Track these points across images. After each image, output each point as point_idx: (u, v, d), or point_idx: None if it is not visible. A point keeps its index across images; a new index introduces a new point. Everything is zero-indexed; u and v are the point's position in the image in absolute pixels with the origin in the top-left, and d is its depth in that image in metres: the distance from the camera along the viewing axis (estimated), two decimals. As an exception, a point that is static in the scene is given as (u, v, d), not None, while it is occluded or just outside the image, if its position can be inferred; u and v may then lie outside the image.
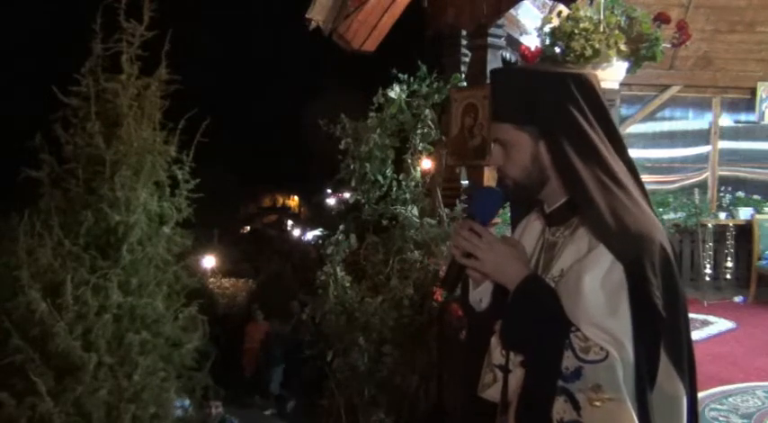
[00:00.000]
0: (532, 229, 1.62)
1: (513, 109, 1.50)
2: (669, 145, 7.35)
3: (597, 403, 1.30)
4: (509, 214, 1.80)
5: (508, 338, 1.46)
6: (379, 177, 4.78)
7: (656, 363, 1.36)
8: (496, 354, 1.51)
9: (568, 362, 1.33)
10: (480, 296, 1.55)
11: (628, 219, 1.39)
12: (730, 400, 3.67)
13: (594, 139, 1.47)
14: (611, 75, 4.26)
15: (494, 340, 1.52)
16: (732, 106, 7.34)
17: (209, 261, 14.74)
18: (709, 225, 6.58)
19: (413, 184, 4.80)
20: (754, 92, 7.10)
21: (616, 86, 4.39)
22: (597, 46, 4.13)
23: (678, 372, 1.39)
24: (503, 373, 1.49)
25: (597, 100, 1.50)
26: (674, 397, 1.39)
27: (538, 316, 1.40)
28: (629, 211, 1.40)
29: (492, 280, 1.50)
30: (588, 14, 4.24)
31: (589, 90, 1.49)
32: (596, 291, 1.36)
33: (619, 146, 1.52)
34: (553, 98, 1.47)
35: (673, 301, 1.39)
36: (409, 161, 4.83)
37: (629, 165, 1.52)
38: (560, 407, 1.33)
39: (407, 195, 4.74)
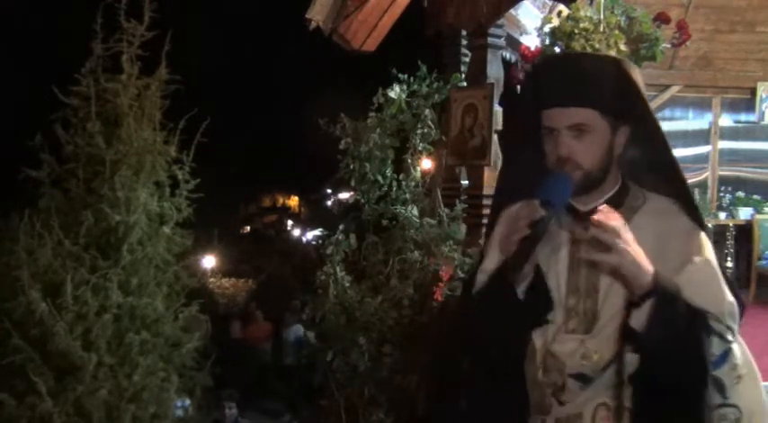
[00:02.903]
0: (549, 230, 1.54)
1: (601, 95, 1.45)
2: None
3: (736, 381, 1.37)
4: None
5: (653, 339, 1.32)
6: (379, 177, 4.78)
7: None
8: (573, 361, 1.44)
9: (715, 348, 1.35)
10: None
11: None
12: (730, 400, 3.67)
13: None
14: (611, 75, 4.25)
15: (568, 348, 1.45)
16: (732, 106, 7.33)
17: (209, 261, 14.73)
18: (709, 225, 6.55)
19: (413, 184, 4.80)
20: (754, 92, 7.08)
21: (616, 86, 4.39)
22: (597, 46, 4.13)
23: None
24: (581, 383, 1.44)
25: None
26: None
27: (681, 310, 1.33)
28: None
29: (620, 276, 1.38)
30: (588, 14, 4.24)
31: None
32: (712, 271, 1.43)
33: None
34: (636, 86, 1.48)
35: None
36: (409, 161, 4.83)
37: None
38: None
39: (407, 195, 4.74)
